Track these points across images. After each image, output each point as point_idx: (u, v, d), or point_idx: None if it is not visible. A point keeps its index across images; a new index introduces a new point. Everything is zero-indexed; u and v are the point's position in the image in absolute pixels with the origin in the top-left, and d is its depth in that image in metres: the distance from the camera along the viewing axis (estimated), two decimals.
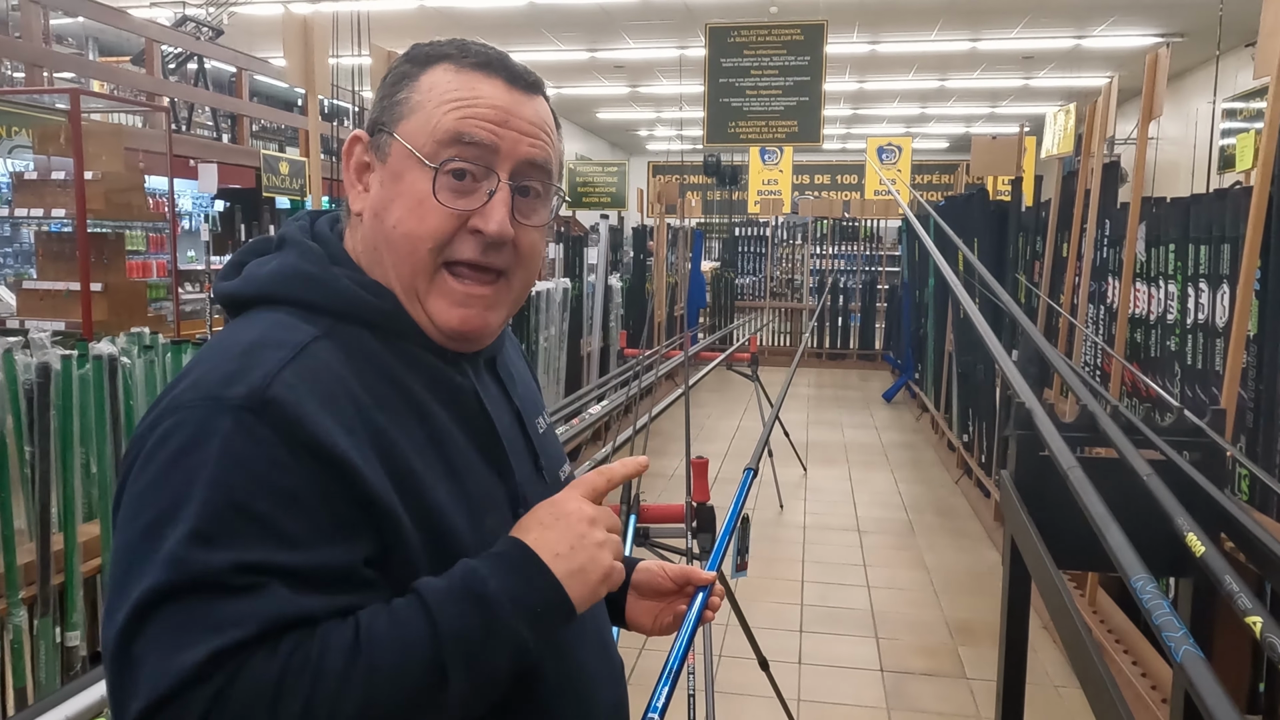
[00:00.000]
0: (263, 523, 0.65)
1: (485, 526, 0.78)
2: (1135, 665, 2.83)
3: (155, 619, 0.62)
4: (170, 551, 0.63)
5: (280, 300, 0.78)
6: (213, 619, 0.62)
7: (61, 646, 2.23)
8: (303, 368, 0.71)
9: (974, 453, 5.24)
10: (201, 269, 7.37)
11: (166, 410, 0.70)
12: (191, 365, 0.74)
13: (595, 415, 3.91)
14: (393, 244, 0.79)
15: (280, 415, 0.67)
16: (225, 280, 0.83)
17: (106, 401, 2.33)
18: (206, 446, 0.66)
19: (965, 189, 7.45)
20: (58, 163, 4.85)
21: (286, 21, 2.88)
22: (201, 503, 0.64)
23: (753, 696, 2.82)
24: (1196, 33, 9.54)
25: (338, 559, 0.68)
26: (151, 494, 0.66)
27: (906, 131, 17.30)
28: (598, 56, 11.72)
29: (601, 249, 6.80)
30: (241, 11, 9.05)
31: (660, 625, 1.01)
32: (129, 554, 0.65)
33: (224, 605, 0.63)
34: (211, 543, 0.63)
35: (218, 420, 0.67)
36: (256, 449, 0.66)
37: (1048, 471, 1.60)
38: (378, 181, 0.81)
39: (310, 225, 0.85)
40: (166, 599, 0.62)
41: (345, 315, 0.78)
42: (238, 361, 0.70)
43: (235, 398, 0.67)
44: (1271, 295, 2.33)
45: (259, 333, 0.74)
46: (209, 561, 0.63)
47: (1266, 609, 1.09)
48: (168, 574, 0.63)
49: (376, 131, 0.81)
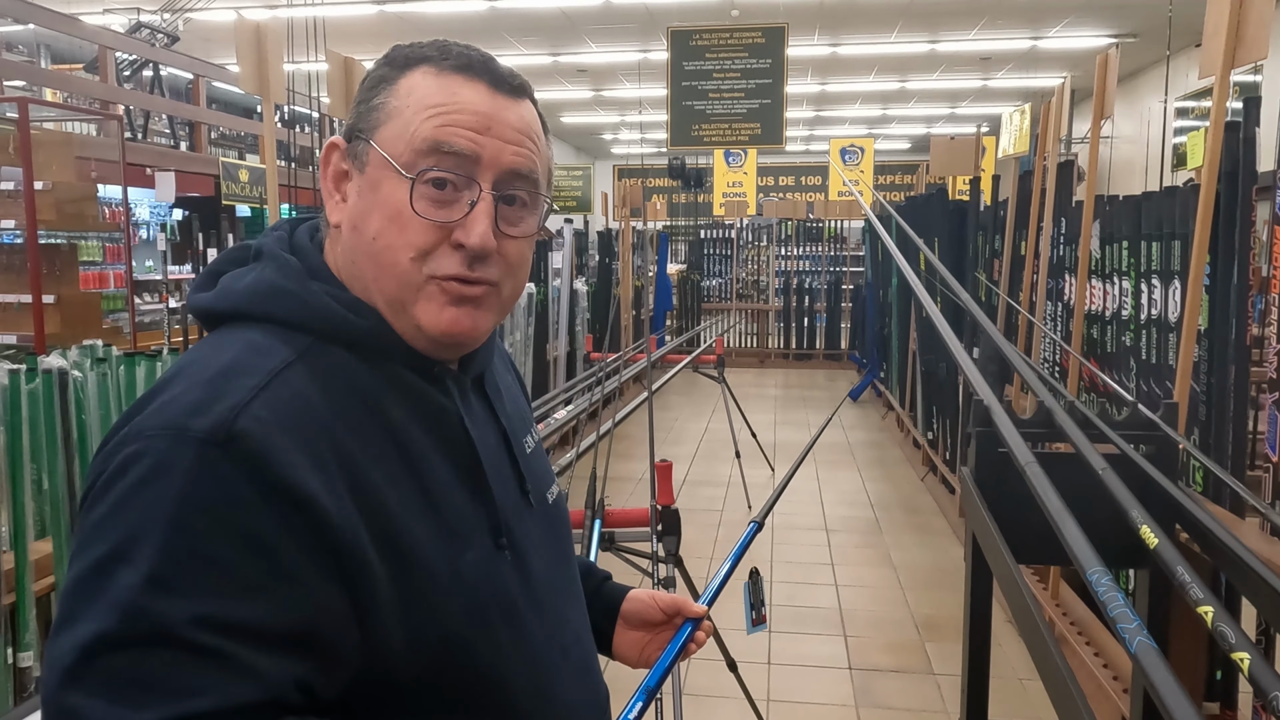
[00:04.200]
0: (223, 570, 0.61)
1: (464, 560, 0.74)
2: (1097, 656, 2.87)
3: (102, 669, 0.58)
4: (123, 596, 0.59)
5: (257, 317, 0.74)
6: (170, 683, 0.58)
7: (14, 667, 2.18)
8: (274, 397, 0.67)
9: (939, 450, 5.30)
10: (159, 279, 7.24)
11: (129, 437, 0.65)
12: (160, 386, 0.69)
13: (561, 420, 3.89)
14: (374, 256, 0.75)
15: (246, 451, 0.63)
16: (202, 291, 0.79)
17: (57, 417, 2.28)
18: (166, 481, 0.62)
19: (926, 189, 7.53)
20: (7, 172, 4.76)
21: (239, 28, 2.84)
22: (159, 546, 0.60)
23: (722, 698, 2.82)
24: (1148, 33, 9.73)
25: (302, 613, 0.64)
26: (107, 527, 0.62)
27: (869, 133, 17.47)
28: (560, 60, 11.70)
29: (566, 253, 6.78)
30: (197, 18, 8.91)
31: (645, 658, 0.99)
32: (78, 588, 0.61)
33: (181, 668, 0.58)
34: (169, 590, 0.59)
35: (179, 453, 0.63)
36: (219, 488, 0.62)
37: (1007, 468, 1.61)
38: (355, 191, 0.77)
39: (289, 235, 0.81)
40: (116, 649, 0.58)
41: (324, 334, 0.74)
42: (205, 389, 0.66)
43: (199, 430, 0.63)
44: (1220, 290, 2.38)
45: (231, 356, 0.70)
46: (165, 613, 0.59)
47: (1220, 599, 1.10)
48: (119, 622, 0.58)
49: (354, 139, 0.77)
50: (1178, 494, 1.53)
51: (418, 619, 0.70)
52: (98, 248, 6.89)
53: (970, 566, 1.80)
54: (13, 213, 4.62)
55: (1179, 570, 1.16)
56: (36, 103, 6.13)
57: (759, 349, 11.10)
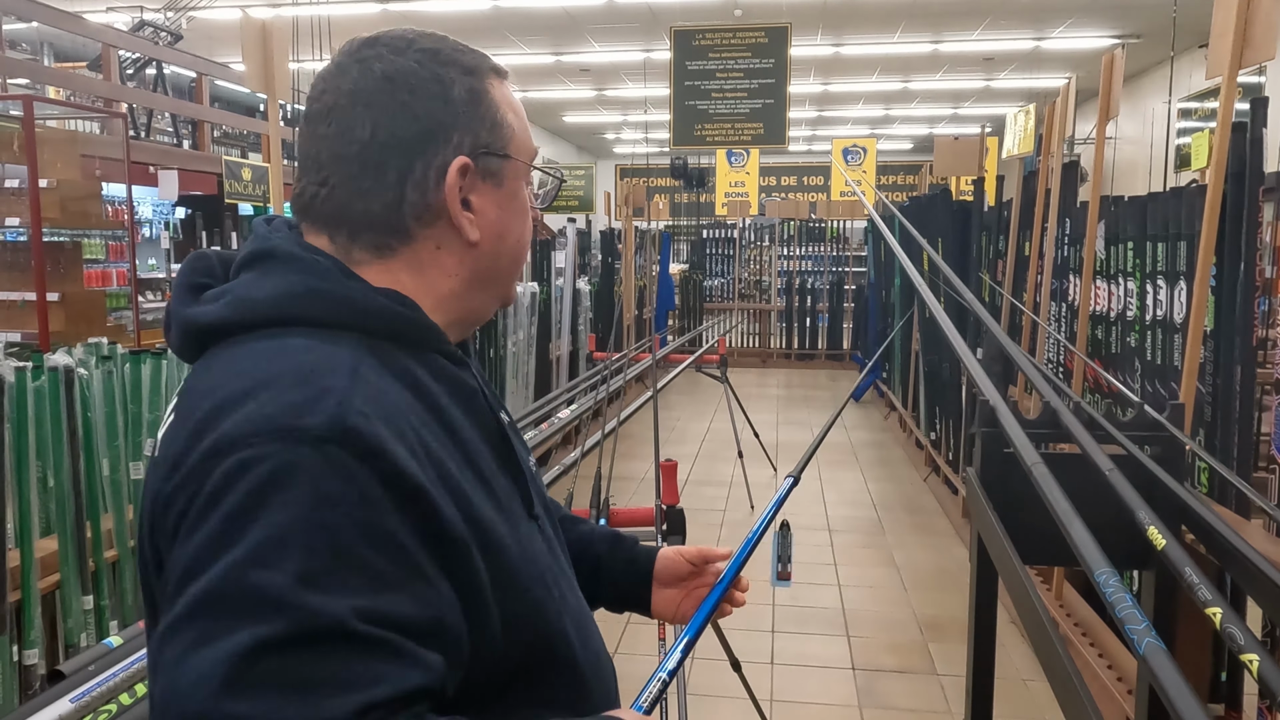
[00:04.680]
0: (366, 566, 0.61)
1: (519, 534, 0.77)
2: (1101, 657, 2.87)
3: (269, 672, 0.56)
4: (279, 598, 0.58)
5: (288, 322, 0.71)
6: (345, 675, 0.58)
7: (19, 665, 2.18)
8: (365, 392, 0.66)
9: (941, 450, 5.30)
10: (162, 277, 7.25)
11: (222, 446, 0.62)
12: (221, 404, 0.65)
13: (564, 419, 3.89)
14: (516, 257, 0.83)
15: (363, 446, 0.63)
16: (196, 305, 0.74)
17: (63, 414, 2.28)
18: (294, 482, 0.61)
19: (929, 189, 7.53)
20: (11, 170, 4.76)
21: (245, 26, 2.84)
22: (302, 545, 0.59)
23: (725, 698, 2.82)
24: (1152, 34, 9.72)
25: (432, 606, 0.64)
26: (232, 536, 0.60)
27: (871, 133, 17.46)
28: (563, 60, 11.70)
29: (569, 252, 6.79)
30: (201, 16, 8.92)
31: (682, 614, 1.02)
32: (213, 601, 0.58)
33: (353, 660, 0.58)
34: (323, 588, 0.59)
35: (299, 452, 0.61)
36: (348, 484, 0.62)
37: (1012, 468, 1.61)
38: (495, 204, 0.79)
39: (294, 235, 0.78)
40: (283, 649, 0.57)
41: (371, 329, 0.73)
42: (300, 390, 0.64)
43: (315, 428, 0.62)
44: (1227, 291, 2.38)
45: (298, 359, 0.68)
46: (326, 608, 0.58)
47: (1226, 600, 1.10)
48: (282, 623, 0.57)
49: (485, 155, 0.78)
50: (1185, 495, 1.53)
51: (506, 599, 0.72)
52: (101, 246, 6.89)
53: (975, 567, 1.80)
54: (17, 210, 4.62)
55: (1187, 571, 1.16)
56: (42, 101, 6.14)
57: (761, 349, 11.10)
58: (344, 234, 0.76)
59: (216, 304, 0.73)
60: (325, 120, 0.76)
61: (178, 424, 0.69)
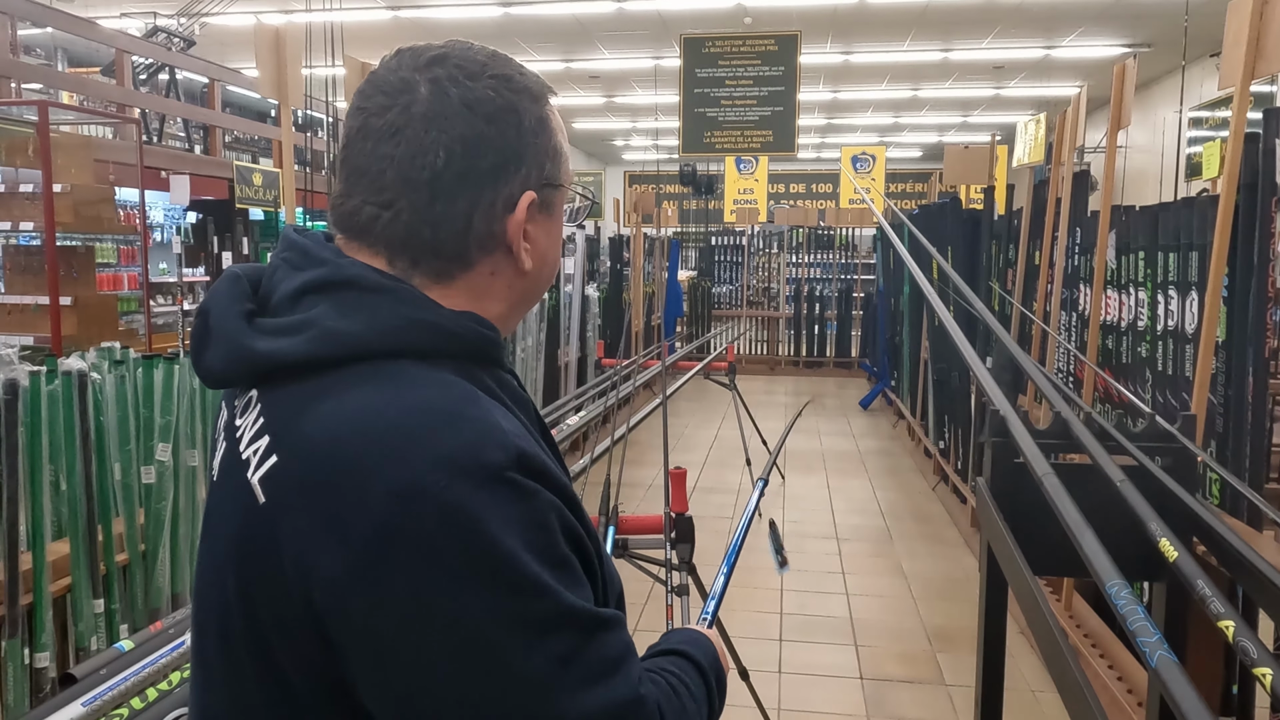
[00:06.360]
0: (573, 567, 0.69)
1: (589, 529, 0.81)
2: (1111, 669, 2.85)
3: (580, 669, 0.66)
4: (551, 609, 0.65)
5: (392, 354, 0.69)
6: (624, 648, 0.70)
7: (31, 668, 2.19)
8: (500, 415, 0.68)
9: (950, 459, 5.28)
10: (174, 281, 7.28)
11: (408, 497, 0.62)
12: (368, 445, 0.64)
13: (573, 426, 3.89)
14: (549, 281, 0.83)
15: (534, 467, 0.67)
16: (268, 339, 0.70)
17: (76, 418, 2.30)
18: (498, 515, 0.63)
19: (939, 197, 7.52)
20: (26, 175, 4.79)
21: (259, 33, 2.86)
22: (539, 565, 0.65)
23: (733, 706, 2.80)
24: (1163, 43, 9.70)
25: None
26: (457, 580, 0.62)
27: (880, 140, 17.45)
28: (573, 67, 11.74)
29: (578, 259, 6.79)
30: (213, 22, 8.98)
31: None
32: (513, 639, 0.64)
33: (621, 634, 0.71)
34: (570, 592, 0.67)
35: (496, 491, 0.64)
36: (546, 513, 0.67)
37: (1023, 478, 1.61)
38: (545, 233, 0.80)
39: (331, 246, 0.75)
40: (581, 650, 0.66)
41: (464, 354, 0.73)
42: (458, 429, 0.65)
43: (500, 463, 0.65)
44: (1239, 302, 2.37)
45: (427, 392, 0.68)
46: (583, 609, 0.67)
47: (1238, 612, 1.10)
48: (570, 626, 0.66)
49: (548, 187, 0.78)
50: (1196, 506, 1.52)
51: (609, 597, 0.80)
52: (113, 250, 6.93)
53: (985, 577, 1.79)
54: (31, 215, 4.65)
55: (1199, 584, 1.16)
56: (56, 106, 6.19)
57: (769, 356, 11.09)
58: (406, 258, 0.74)
59: (297, 337, 0.69)
60: (391, 139, 0.72)
61: (291, 464, 0.67)
